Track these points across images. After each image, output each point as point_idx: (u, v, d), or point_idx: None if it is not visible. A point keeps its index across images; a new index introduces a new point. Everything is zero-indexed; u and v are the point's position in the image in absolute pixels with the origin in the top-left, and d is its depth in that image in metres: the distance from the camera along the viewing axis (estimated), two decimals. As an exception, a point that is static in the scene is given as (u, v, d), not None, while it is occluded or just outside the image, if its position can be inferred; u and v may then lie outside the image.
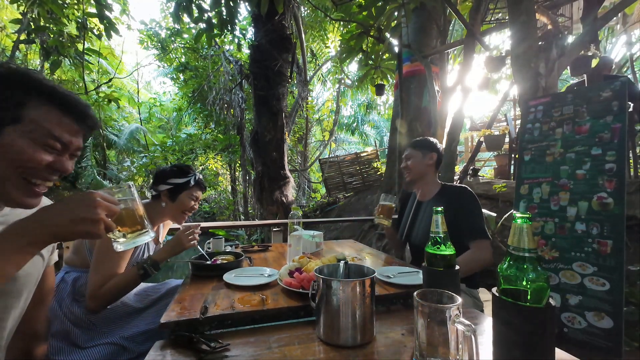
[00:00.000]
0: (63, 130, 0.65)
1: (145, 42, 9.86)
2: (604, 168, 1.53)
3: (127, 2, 6.88)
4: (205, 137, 10.12)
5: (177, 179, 1.31)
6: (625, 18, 4.68)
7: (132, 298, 1.23)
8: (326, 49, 10.72)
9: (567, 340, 1.53)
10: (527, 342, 0.55)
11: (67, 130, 0.66)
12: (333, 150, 14.29)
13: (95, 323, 1.11)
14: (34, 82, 0.63)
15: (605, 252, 1.47)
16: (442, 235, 0.84)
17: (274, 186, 6.01)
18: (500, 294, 0.60)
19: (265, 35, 5.85)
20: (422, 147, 1.64)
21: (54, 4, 3.66)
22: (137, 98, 11.69)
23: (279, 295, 0.99)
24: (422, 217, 1.60)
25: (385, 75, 4.68)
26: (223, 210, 11.56)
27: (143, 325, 1.13)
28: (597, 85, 1.70)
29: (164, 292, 1.29)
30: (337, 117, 11.72)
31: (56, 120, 0.65)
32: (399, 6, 3.47)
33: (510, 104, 6.90)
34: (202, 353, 0.70)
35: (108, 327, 1.11)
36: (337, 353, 0.71)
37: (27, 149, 0.62)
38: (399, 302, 1.01)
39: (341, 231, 6.01)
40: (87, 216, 0.58)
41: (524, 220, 0.58)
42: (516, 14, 2.36)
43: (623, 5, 2.44)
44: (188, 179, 1.33)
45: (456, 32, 7.37)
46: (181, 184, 1.32)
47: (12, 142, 0.61)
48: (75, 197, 0.60)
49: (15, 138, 0.61)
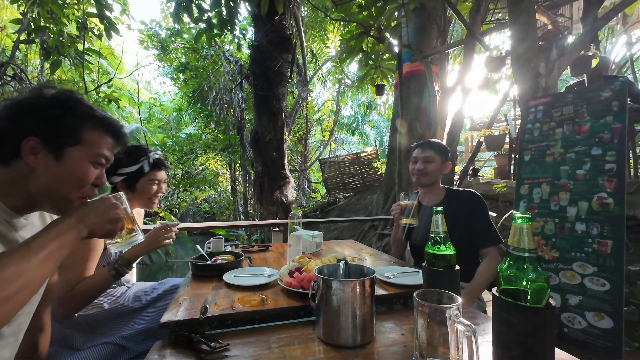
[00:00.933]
0: (107, 149, 0.75)
1: (145, 42, 9.86)
2: (604, 168, 1.53)
3: (127, 2, 6.88)
4: (205, 137, 10.12)
5: (128, 167, 1.20)
6: (625, 18, 4.68)
7: (129, 298, 1.22)
8: (326, 49, 10.72)
9: (567, 340, 1.53)
10: (527, 342, 0.55)
11: (109, 148, 0.76)
12: (333, 150, 14.29)
13: (93, 325, 1.10)
14: (89, 110, 0.72)
15: (605, 252, 1.47)
16: (442, 235, 0.84)
17: (274, 186, 6.01)
18: (501, 294, 0.60)
19: (265, 35, 5.85)
20: (442, 154, 1.56)
21: (54, 4, 3.66)
22: (137, 98, 11.67)
23: (279, 295, 0.99)
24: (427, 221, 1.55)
25: (385, 75, 4.68)
26: (223, 210, 11.57)
27: (142, 324, 1.13)
28: (597, 86, 1.71)
29: (163, 291, 1.28)
30: (337, 117, 11.72)
31: (103, 141, 0.74)
32: (399, 6, 3.47)
33: (510, 104, 6.91)
34: (202, 353, 0.70)
35: (106, 327, 1.10)
36: (337, 353, 0.71)
37: (87, 168, 0.71)
38: (398, 302, 1.01)
39: (341, 231, 6.01)
40: (115, 217, 0.69)
41: (524, 220, 0.58)
42: (516, 14, 2.36)
43: (623, 5, 2.44)
44: (140, 165, 1.22)
45: (456, 32, 7.37)
46: (134, 172, 1.21)
47: (77, 163, 0.69)
48: (103, 201, 0.70)
49: (77, 159, 0.69)
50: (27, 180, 0.66)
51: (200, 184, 10.52)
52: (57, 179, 0.68)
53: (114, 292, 1.23)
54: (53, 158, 0.67)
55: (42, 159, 0.66)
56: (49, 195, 0.69)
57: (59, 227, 0.61)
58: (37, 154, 0.65)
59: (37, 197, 0.69)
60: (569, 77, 7.36)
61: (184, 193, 10.43)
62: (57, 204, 0.70)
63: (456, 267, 0.84)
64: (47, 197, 0.69)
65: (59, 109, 0.68)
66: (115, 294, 1.22)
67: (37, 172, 0.66)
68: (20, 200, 0.68)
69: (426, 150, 1.56)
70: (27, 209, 0.71)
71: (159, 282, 1.36)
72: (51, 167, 0.67)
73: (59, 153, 0.67)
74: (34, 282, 0.56)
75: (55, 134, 0.67)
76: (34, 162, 0.65)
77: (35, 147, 0.65)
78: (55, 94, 0.70)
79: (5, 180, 0.66)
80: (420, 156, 1.56)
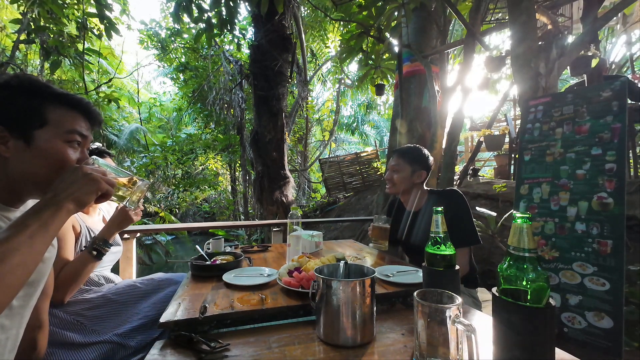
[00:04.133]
0: (78, 126, 0.73)
1: (145, 42, 9.86)
2: (604, 168, 1.53)
3: (127, 2, 6.88)
4: (205, 137, 10.12)
5: None
6: (625, 18, 4.68)
7: (120, 290, 1.22)
8: (326, 49, 10.72)
9: (567, 340, 1.53)
10: (527, 342, 0.55)
11: (82, 124, 0.74)
12: (333, 150, 14.29)
13: (84, 322, 1.10)
14: (45, 88, 0.70)
15: (605, 252, 1.47)
16: (442, 235, 0.84)
17: (274, 186, 6.01)
18: (500, 294, 0.60)
19: (265, 35, 5.85)
20: (413, 162, 1.52)
21: (54, 4, 3.66)
22: (137, 98, 11.68)
23: (278, 294, 0.99)
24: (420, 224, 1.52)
25: (385, 75, 4.68)
26: (223, 210, 11.57)
27: (136, 320, 1.13)
28: (597, 85, 1.70)
29: (154, 286, 1.28)
30: (337, 117, 11.72)
31: (71, 118, 0.72)
32: (399, 6, 3.47)
33: (510, 104, 6.91)
34: (202, 353, 0.70)
35: (98, 325, 1.11)
36: (337, 353, 0.71)
37: (61, 148, 0.69)
38: (398, 300, 1.01)
39: (341, 231, 6.02)
40: (89, 178, 0.65)
41: (524, 220, 0.58)
42: (516, 14, 2.36)
43: (623, 5, 2.44)
44: None
45: (456, 32, 7.37)
46: None
47: (48, 143, 0.68)
48: (72, 170, 0.67)
49: (48, 139, 0.68)
50: (4, 171, 0.66)
51: (200, 184, 10.53)
52: (33, 164, 0.67)
53: (101, 288, 1.24)
54: (23, 143, 0.66)
55: (13, 147, 0.66)
56: (31, 182, 0.68)
57: (36, 206, 0.61)
58: (6, 143, 0.65)
59: (21, 186, 0.68)
60: (569, 77, 7.36)
61: (184, 193, 10.44)
62: (43, 189, 0.69)
63: (456, 267, 0.84)
64: (31, 184, 0.69)
65: (11, 90, 0.67)
66: (103, 290, 1.23)
67: (11, 161, 0.66)
68: (5, 193, 0.68)
69: (397, 159, 1.56)
70: (17, 201, 0.71)
71: (149, 277, 1.36)
72: (24, 153, 0.66)
73: (28, 137, 0.66)
74: (24, 264, 0.56)
75: (16, 117, 0.66)
76: (5, 151, 0.65)
77: (2, 135, 0.65)
78: (6, 78, 0.68)
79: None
80: (390, 164, 1.57)
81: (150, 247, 7.18)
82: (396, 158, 1.56)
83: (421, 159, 1.54)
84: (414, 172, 1.53)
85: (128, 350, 1.06)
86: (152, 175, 9.25)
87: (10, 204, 0.70)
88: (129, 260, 2.03)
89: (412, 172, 1.53)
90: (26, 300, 0.74)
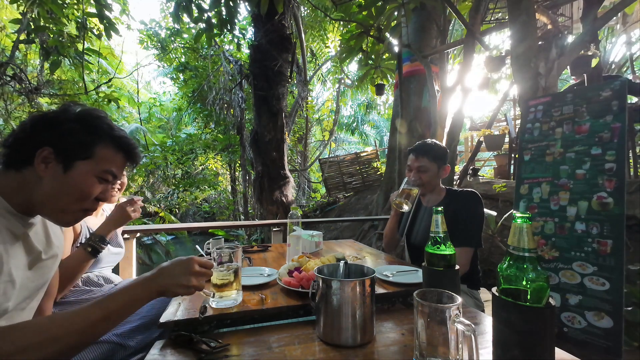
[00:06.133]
0: (116, 166, 0.77)
1: (145, 42, 9.85)
2: (604, 168, 1.53)
3: (127, 2, 6.88)
4: (205, 137, 10.11)
5: None
6: (625, 18, 4.68)
7: None
8: (326, 49, 10.71)
9: (567, 340, 1.53)
10: (527, 342, 0.55)
11: (120, 165, 0.78)
12: (333, 150, 14.29)
13: None
14: (108, 130, 0.75)
15: (605, 252, 1.47)
16: (442, 235, 0.84)
17: (274, 186, 6.00)
18: (500, 293, 0.60)
19: (265, 35, 5.84)
20: (438, 159, 1.51)
21: (54, 4, 3.66)
22: (137, 98, 11.66)
23: (278, 294, 0.99)
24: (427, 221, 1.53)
25: (385, 75, 4.67)
26: (223, 210, 11.55)
27: (135, 320, 1.12)
28: (597, 85, 1.71)
29: None
30: (337, 117, 11.71)
31: (114, 158, 0.76)
32: (399, 6, 3.47)
33: (510, 104, 6.91)
34: (202, 353, 0.70)
35: None
36: (337, 353, 0.71)
37: (93, 183, 0.73)
38: (398, 300, 1.01)
39: (341, 231, 6.02)
40: (184, 283, 0.72)
41: (524, 220, 0.58)
42: (516, 13, 2.36)
43: (623, 5, 2.44)
44: None
45: (456, 32, 7.36)
46: None
47: (83, 177, 0.71)
48: (180, 263, 0.74)
49: (84, 172, 0.72)
50: (32, 187, 0.69)
51: (200, 184, 10.52)
52: (61, 190, 0.70)
53: (101, 289, 1.24)
54: (62, 169, 0.70)
55: (51, 169, 0.69)
56: (49, 204, 0.71)
57: (131, 285, 0.68)
58: (47, 164, 0.69)
59: (37, 205, 0.71)
60: (569, 77, 7.35)
61: (184, 193, 10.42)
62: (54, 213, 0.73)
63: (456, 267, 0.84)
64: (47, 205, 0.71)
65: (78, 124, 0.71)
66: (103, 290, 1.23)
67: (44, 181, 0.69)
68: (22, 205, 0.71)
69: (419, 159, 1.50)
70: (27, 214, 0.74)
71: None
72: (58, 178, 0.70)
73: (68, 165, 0.70)
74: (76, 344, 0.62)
75: (68, 146, 0.70)
76: (44, 170, 0.68)
77: (48, 157, 0.69)
78: (80, 110, 0.74)
79: (14, 184, 0.69)
80: (414, 165, 1.51)
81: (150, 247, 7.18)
82: (419, 158, 1.51)
83: (443, 154, 1.53)
84: (440, 168, 1.53)
85: (128, 351, 1.05)
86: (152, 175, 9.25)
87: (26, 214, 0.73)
88: (129, 261, 2.03)
89: (439, 168, 1.52)
90: (28, 303, 0.75)
